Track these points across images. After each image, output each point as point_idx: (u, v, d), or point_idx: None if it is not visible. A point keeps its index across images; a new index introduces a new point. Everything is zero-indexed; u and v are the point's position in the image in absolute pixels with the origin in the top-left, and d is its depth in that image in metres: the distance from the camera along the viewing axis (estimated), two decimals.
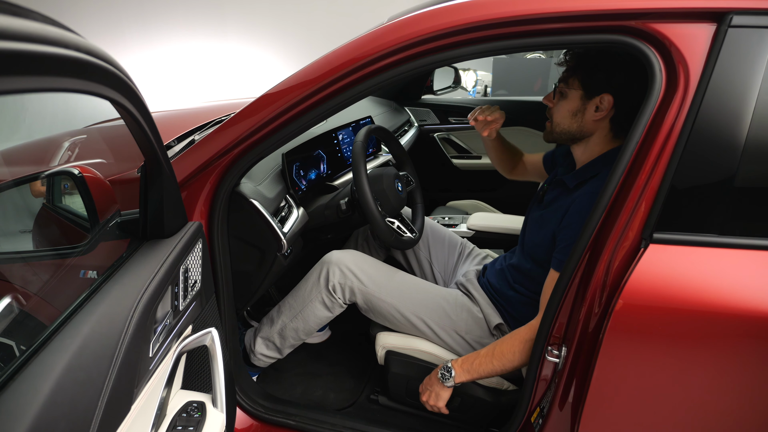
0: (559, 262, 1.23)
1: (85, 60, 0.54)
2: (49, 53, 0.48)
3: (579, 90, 1.26)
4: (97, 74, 0.58)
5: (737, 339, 0.94)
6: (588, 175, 1.30)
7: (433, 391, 1.37)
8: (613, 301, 0.97)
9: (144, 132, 0.80)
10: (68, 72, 0.53)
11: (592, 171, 1.29)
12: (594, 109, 1.25)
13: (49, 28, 0.49)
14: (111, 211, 0.99)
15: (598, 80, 1.23)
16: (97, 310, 0.73)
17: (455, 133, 2.97)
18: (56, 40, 0.49)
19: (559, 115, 1.31)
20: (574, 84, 1.27)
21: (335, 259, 1.55)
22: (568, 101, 1.29)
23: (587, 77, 1.25)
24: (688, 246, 0.95)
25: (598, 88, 1.24)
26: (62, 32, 0.52)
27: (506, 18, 1.01)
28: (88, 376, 0.65)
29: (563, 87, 1.29)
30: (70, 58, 0.52)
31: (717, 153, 0.92)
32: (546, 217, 1.35)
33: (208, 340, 0.97)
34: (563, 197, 1.34)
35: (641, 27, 0.95)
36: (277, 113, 1.19)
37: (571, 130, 1.31)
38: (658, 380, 1.01)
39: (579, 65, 1.26)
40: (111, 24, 4.86)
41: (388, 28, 1.11)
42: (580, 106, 1.27)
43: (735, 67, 0.89)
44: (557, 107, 1.32)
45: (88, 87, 0.58)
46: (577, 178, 1.32)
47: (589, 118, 1.27)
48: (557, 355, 1.10)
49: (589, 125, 1.28)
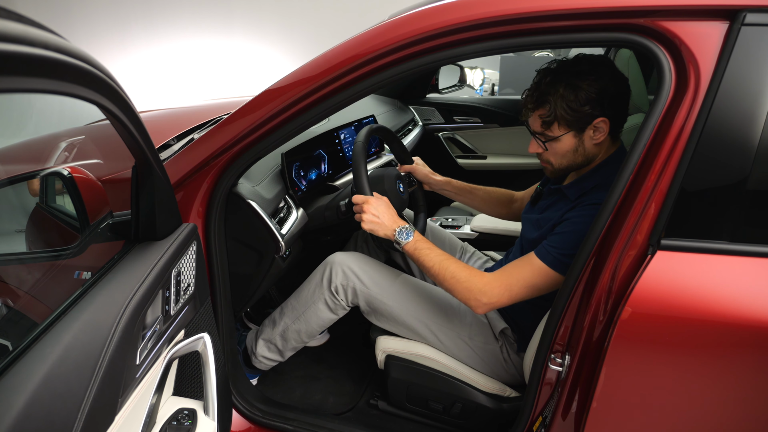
0: (541, 247, 1.21)
1: (60, 60, 0.52)
2: (21, 53, 0.46)
3: (568, 131, 1.20)
4: (74, 76, 0.55)
5: (747, 350, 0.90)
6: (589, 187, 1.25)
7: (382, 222, 1.32)
8: (619, 309, 0.93)
9: (131, 135, 0.78)
10: (43, 73, 0.50)
11: (594, 181, 1.25)
12: (591, 135, 1.21)
13: (22, 26, 0.47)
14: (102, 213, 0.96)
15: (583, 114, 1.17)
16: (81, 317, 0.71)
17: (460, 132, 2.94)
18: (27, 39, 0.46)
19: (557, 157, 1.25)
20: (558, 129, 1.20)
21: (338, 260, 1.53)
22: (561, 143, 1.22)
23: (570, 118, 1.18)
24: (697, 253, 0.91)
25: (586, 119, 1.18)
26: (37, 32, 0.49)
27: (511, 15, 0.98)
28: (67, 387, 0.62)
29: (548, 135, 1.22)
30: (44, 58, 0.49)
31: (729, 156, 0.88)
32: (542, 222, 1.32)
33: (200, 346, 0.95)
34: (562, 204, 1.30)
35: (650, 25, 0.92)
36: (276, 111, 1.17)
37: (577, 162, 1.26)
38: (665, 391, 0.97)
39: (555, 109, 1.18)
40: (119, 21, 4.87)
41: (390, 24, 1.08)
42: (577, 142, 1.22)
43: (748, 66, 0.86)
44: (551, 153, 1.25)
45: (66, 89, 0.55)
46: (579, 190, 1.27)
47: (589, 144, 1.22)
48: (560, 363, 1.07)
49: (593, 150, 1.24)
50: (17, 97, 1.79)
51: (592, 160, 1.26)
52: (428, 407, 1.50)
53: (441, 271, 1.26)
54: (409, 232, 1.30)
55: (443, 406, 1.47)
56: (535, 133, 1.26)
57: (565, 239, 1.18)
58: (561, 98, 1.16)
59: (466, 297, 1.23)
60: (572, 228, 1.19)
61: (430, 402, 1.49)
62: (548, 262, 1.19)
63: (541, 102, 1.20)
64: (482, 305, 1.22)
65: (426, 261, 1.28)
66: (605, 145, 1.25)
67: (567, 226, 1.20)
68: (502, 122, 2.87)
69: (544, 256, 1.20)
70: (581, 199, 1.24)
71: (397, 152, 1.78)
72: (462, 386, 1.43)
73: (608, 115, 1.18)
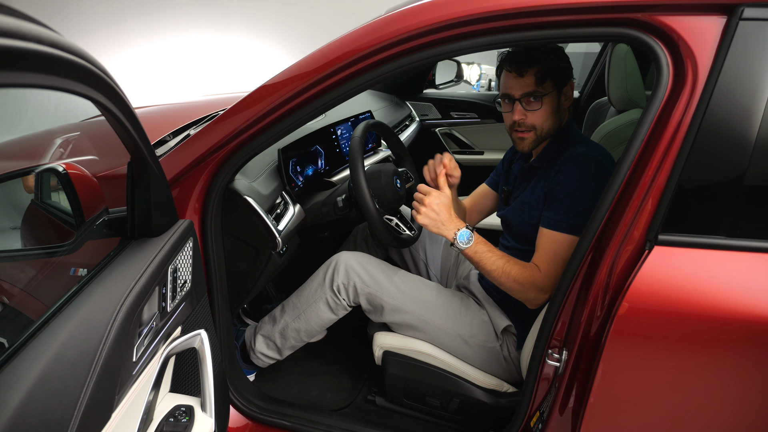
0: (548, 220, 1.27)
1: (54, 55, 0.51)
2: (13, 47, 0.45)
3: (554, 89, 1.31)
4: (68, 71, 0.55)
5: (745, 345, 0.91)
6: (555, 151, 1.35)
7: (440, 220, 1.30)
8: (617, 305, 0.93)
9: (127, 131, 0.77)
10: (36, 67, 0.50)
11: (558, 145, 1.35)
12: (564, 98, 1.34)
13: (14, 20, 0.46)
14: (98, 209, 0.96)
15: (562, 71, 1.30)
16: (76, 314, 0.70)
17: (457, 128, 2.93)
18: (20, 33, 0.46)
19: (542, 119, 1.32)
20: (549, 86, 1.30)
21: (342, 259, 1.53)
22: (548, 103, 1.31)
23: (556, 73, 1.29)
24: (694, 248, 0.91)
25: (564, 78, 1.31)
26: (30, 26, 0.48)
27: (509, 10, 0.97)
28: (63, 385, 0.62)
29: (540, 92, 1.29)
30: (37, 53, 0.49)
31: (726, 151, 0.88)
32: (527, 201, 1.37)
33: (197, 342, 0.95)
34: (537, 177, 1.37)
35: (648, 20, 0.92)
36: (273, 107, 1.16)
37: (556, 126, 1.35)
38: (663, 386, 0.97)
39: (547, 67, 1.28)
40: (114, 17, 4.83)
41: (386, 19, 1.07)
42: (558, 102, 1.33)
43: (746, 61, 0.85)
44: (537, 114, 1.32)
45: (60, 84, 0.55)
46: (546, 157, 1.36)
47: (563, 107, 1.35)
48: (558, 358, 1.07)
49: (565, 114, 1.37)
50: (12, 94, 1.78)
51: (562, 123, 1.37)
52: (426, 403, 1.50)
53: (502, 275, 1.28)
54: (471, 236, 1.30)
55: (441, 402, 1.47)
56: (524, 95, 1.30)
57: (567, 204, 1.24)
58: (551, 53, 1.29)
59: (525, 297, 1.29)
60: (567, 191, 1.26)
61: (427, 398, 1.49)
62: (564, 230, 1.24)
63: (534, 60, 1.29)
64: (542, 300, 1.27)
65: (487, 264, 1.29)
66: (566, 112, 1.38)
67: (560, 191, 1.26)
68: (499, 118, 2.86)
69: (556, 225, 1.25)
70: (554, 162, 1.32)
71: (395, 148, 1.77)
72: (459, 382, 1.43)
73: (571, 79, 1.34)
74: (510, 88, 1.32)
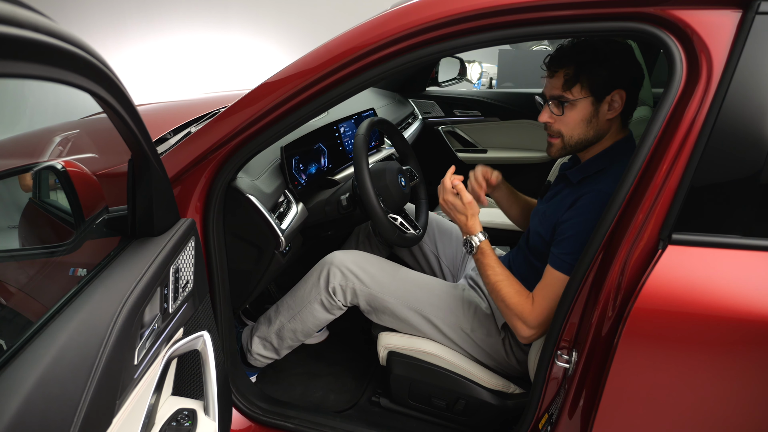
0: (554, 257, 1.20)
1: (52, 44, 0.49)
2: (9, 34, 0.43)
3: (588, 96, 1.18)
4: (67, 61, 0.52)
5: (761, 347, 0.88)
6: (592, 170, 1.24)
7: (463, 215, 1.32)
8: (629, 305, 0.91)
9: (128, 127, 0.75)
10: (33, 57, 0.48)
11: (598, 166, 1.24)
12: (606, 108, 1.19)
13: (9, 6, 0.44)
14: (98, 208, 0.94)
15: (606, 78, 1.16)
16: (76, 316, 0.68)
17: (460, 126, 2.91)
18: (16, 20, 0.44)
19: (569, 127, 1.21)
20: (579, 91, 1.18)
21: (336, 260, 1.50)
22: (578, 110, 1.19)
23: (593, 79, 1.16)
24: (709, 248, 0.89)
25: (608, 86, 1.16)
26: (27, 13, 0.46)
27: (514, 4, 0.95)
28: (63, 389, 0.60)
29: (566, 97, 1.19)
30: (34, 42, 0.46)
31: (742, 148, 0.86)
32: (548, 213, 1.30)
33: (200, 344, 0.93)
34: (566, 192, 1.29)
35: (661, 14, 0.89)
36: (275, 104, 1.14)
37: (588, 137, 1.22)
38: (677, 388, 0.96)
39: (580, 69, 1.16)
40: (113, 15, 4.80)
41: (390, 15, 1.06)
42: (593, 111, 1.19)
43: (763, 57, 0.84)
44: (564, 120, 1.21)
45: (58, 75, 0.52)
46: (582, 172, 1.26)
47: (603, 119, 1.20)
48: (567, 360, 1.05)
49: (605, 126, 1.21)
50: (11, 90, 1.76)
51: (601, 137, 1.23)
52: (431, 404, 1.48)
53: (493, 291, 1.27)
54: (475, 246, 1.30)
55: (446, 403, 1.45)
56: (551, 97, 1.22)
57: (572, 244, 1.16)
58: (589, 58, 1.16)
59: (512, 324, 1.25)
60: (575, 230, 1.17)
61: (433, 399, 1.47)
62: (566, 271, 1.16)
63: (568, 60, 1.18)
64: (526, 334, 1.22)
65: (483, 277, 1.30)
66: (615, 126, 1.23)
67: (568, 228, 1.19)
68: (503, 116, 2.84)
69: (561, 266, 1.18)
70: (583, 184, 1.24)
71: (399, 146, 1.75)
72: (465, 383, 1.41)
73: (627, 89, 1.17)
74: (544, 87, 1.24)
